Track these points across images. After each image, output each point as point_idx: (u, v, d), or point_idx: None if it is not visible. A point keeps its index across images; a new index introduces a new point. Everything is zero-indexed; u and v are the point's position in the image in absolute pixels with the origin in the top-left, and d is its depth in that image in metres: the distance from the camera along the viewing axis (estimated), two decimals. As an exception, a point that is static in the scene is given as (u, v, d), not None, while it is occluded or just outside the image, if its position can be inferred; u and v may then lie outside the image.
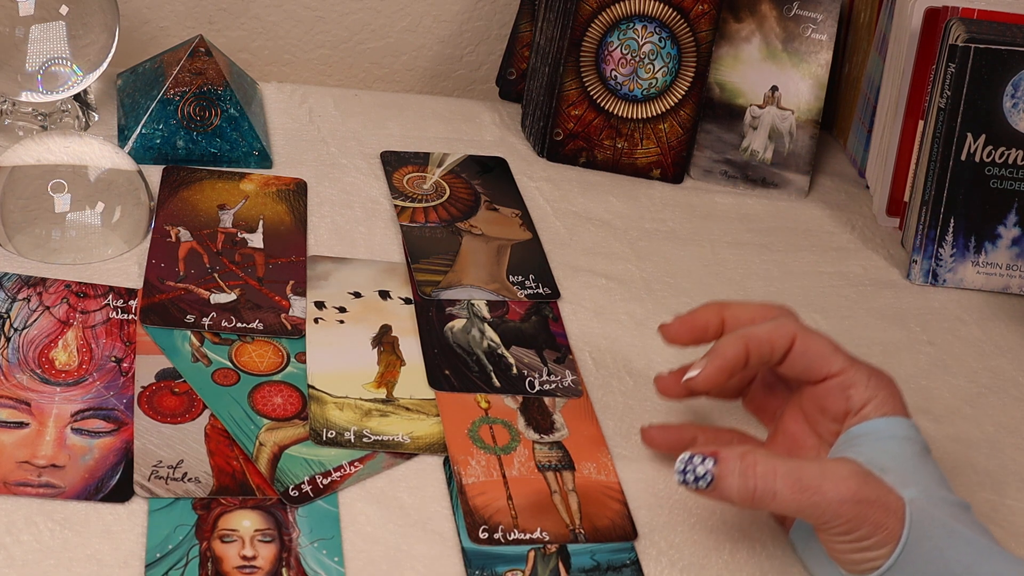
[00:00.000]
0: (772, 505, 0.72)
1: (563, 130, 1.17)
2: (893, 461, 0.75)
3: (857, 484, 0.71)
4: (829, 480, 0.71)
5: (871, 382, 0.78)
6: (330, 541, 0.75)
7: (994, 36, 1.06)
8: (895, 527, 0.71)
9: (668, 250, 1.09)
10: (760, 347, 0.78)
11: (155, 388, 0.84)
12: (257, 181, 1.06)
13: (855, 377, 0.78)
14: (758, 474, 0.71)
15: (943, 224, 1.09)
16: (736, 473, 0.72)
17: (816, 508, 0.71)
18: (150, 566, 0.71)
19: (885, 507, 0.71)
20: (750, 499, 0.72)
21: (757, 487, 0.71)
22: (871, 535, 0.71)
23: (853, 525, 0.71)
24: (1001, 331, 1.06)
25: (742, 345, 0.78)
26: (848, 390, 0.78)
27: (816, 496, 0.71)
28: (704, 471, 0.72)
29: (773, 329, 0.79)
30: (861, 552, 0.71)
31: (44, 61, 1.04)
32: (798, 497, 0.71)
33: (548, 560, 0.76)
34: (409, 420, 0.85)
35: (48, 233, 0.94)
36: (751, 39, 1.19)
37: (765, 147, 1.20)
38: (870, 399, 0.78)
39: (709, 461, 0.73)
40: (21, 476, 0.75)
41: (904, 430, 0.77)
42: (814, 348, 0.79)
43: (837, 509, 0.70)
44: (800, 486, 0.71)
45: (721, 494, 0.73)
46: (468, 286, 0.98)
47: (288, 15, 1.27)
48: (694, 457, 0.73)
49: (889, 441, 0.76)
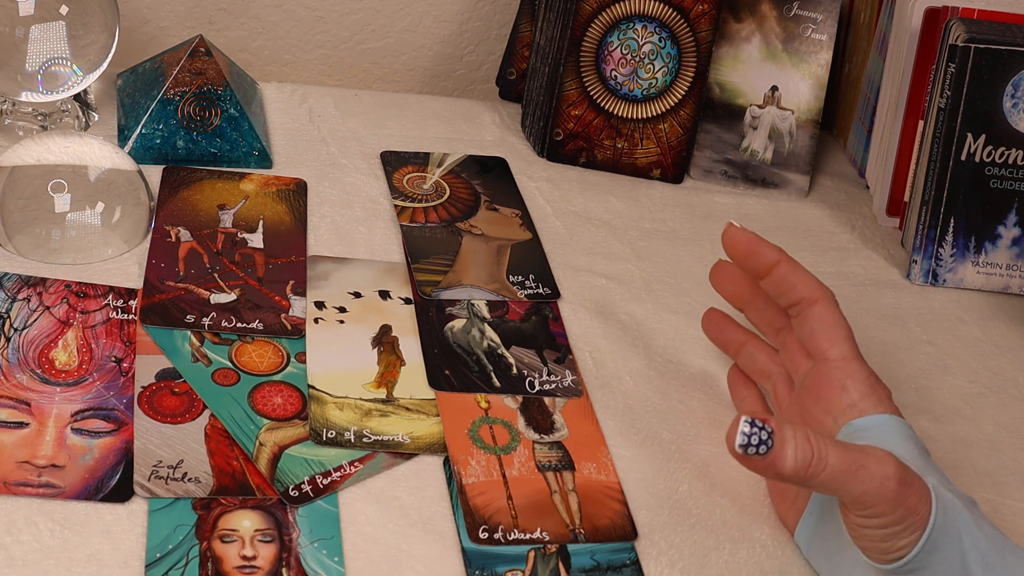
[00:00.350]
0: (821, 477, 0.69)
1: (563, 130, 1.17)
2: (904, 449, 0.75)
3: (897, 466, 0.70)
4: (873, 459, 0.69)
5: (869, 379, 0.80)
6: (330, 541, 0.75)
7: (994, 36, 1.06)
8: (924, 512, 0.70)
9: (668, 250, 1.09)
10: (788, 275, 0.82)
11: (155, 388, 0.84)
12: (257, 181, 1.06)
13: (854, 370, 0.80)
14: (813, 443, 0.69)
15: (943, 224, 1.09)
16: (792, 441, 0.69)
17: (862, 484, 0.69)
18: (150, 566, 0.71)
19: (920, 491, 0.70)
20: (804, 467, 0.69)
21: (805, 456, 0.69)
22: (905, 519, 0.70)
23: (892, 507, 0.69)
24: (1001, 331, 1.06)
25: (777, 255, 0.83)
26: (845, 380, 0.79)
27: (862, 471, 0.69)
28: (767, 436, 0.69)
29: (808, 277, 0.83)
30: (892, 540, 0.70)
31: (44, 61, 1.04)
32: (847, 471, 0.69)
33: (548, 560, 0.76)
34: (409, 420, 0.85)
35: (48, 233, 0.94)
36: (751, 39, 1.19)
37: (765, 147, 1.20)
38: (867, 394, 0.79)
39: (768, 427, 0.69)
40: (21, 476, 0.75)
41: (904, 429, 0.78)
42: (830, 318, 0.82)
43: (881, 486, 0.69)
44: (848, 459, 0.69)
45: (775, 467, 0.69)
46: (468, 286, 0.98)
47: (288, 15, 1.27)
48: (756, 421, 0.69)
49: (894, 436, 0.76)
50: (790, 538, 0.81)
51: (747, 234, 0.84)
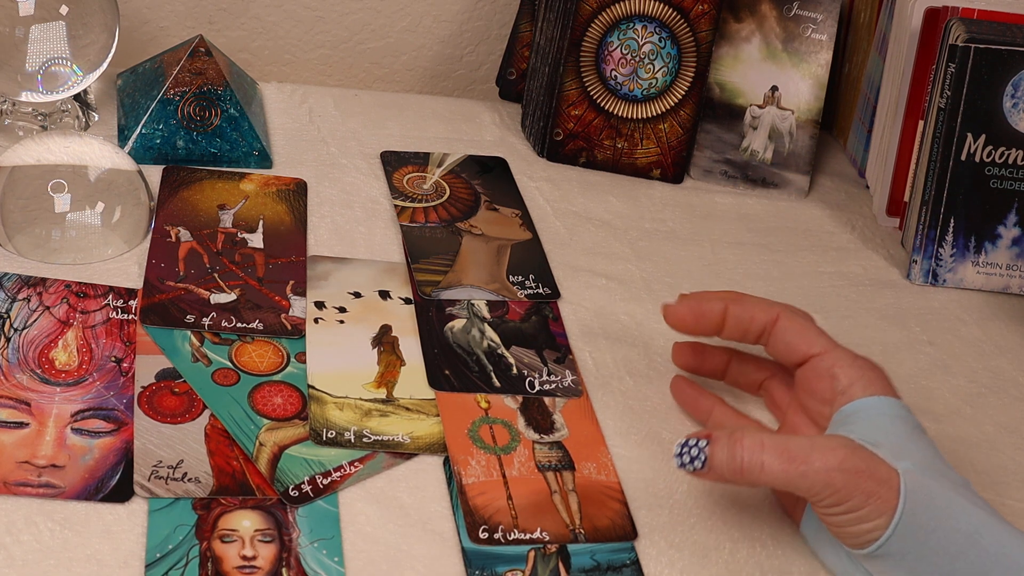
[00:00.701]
0: (762, 477, 0.73)
1: (563, 130, 1.17)
2: (885, 436, 0.75)
3: (845, 453, 0.71)
4: (817, 451, 0.72)
5: (856, 363, 0.80)
6: (330, 541, 0.75)
7: (994, 36, 1.06)
8: (889, 497, 0.71)
9: (668, 250, 1.09)
10: (740, 313, 0.83)
11: (155, 388, 0.84)
12: (257, 181, 1.06)
13: (839, 357, 0.80)
14: (745, 447, 0.73)
15: (943, 224, 1.09)
16: (724, 449, 0.73)
17: (805, 478, 0.71)
18: (150, 566, 0.71)
19: (876, 477, 0.71)
20: (739, 472, 0.73)
21: (744, 459, 0.73)
22: (863, 505, 0.71)
23: (843, 495, 0.71)
24: (1001, 331, 1.06)
25: (721, 303, 0.83)
26: (833, 368, 0.79)
27: (804, 466, 0.71)
28: (698, 452, 0.74)
29: (758, 303, 0.83)
30: (857, 524, 0.72)
31: (44, 61, 1.04)
32: (786, 467, 0.72)
33: (548, 560, 0.76)
34: (409, 420, 0.85)
35: (48, 233, 0.94)
36: (751, 39, 1.19)
37: (765, 147, 1.20)
38: (856, 379, 0.79)
39: (703, 441, 0.74)
40: (21, 476, 0.75)
41: (895, 409, 0.78)
42: (796, 326, 0.81)
43: (826, 478, 0.71)
44: (788, 456, 0.72)
45: (714, 473, 0.74)
46: (468, 286, 0.98)
47: (288, 15, 1.27)
48: (689, 440, 0.75)
49: (880, 418, 0.77)
50: (790, 537, 0.81)
51: (685, 303, 0.85)
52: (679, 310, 0.84)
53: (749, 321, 0.83)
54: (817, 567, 0.79)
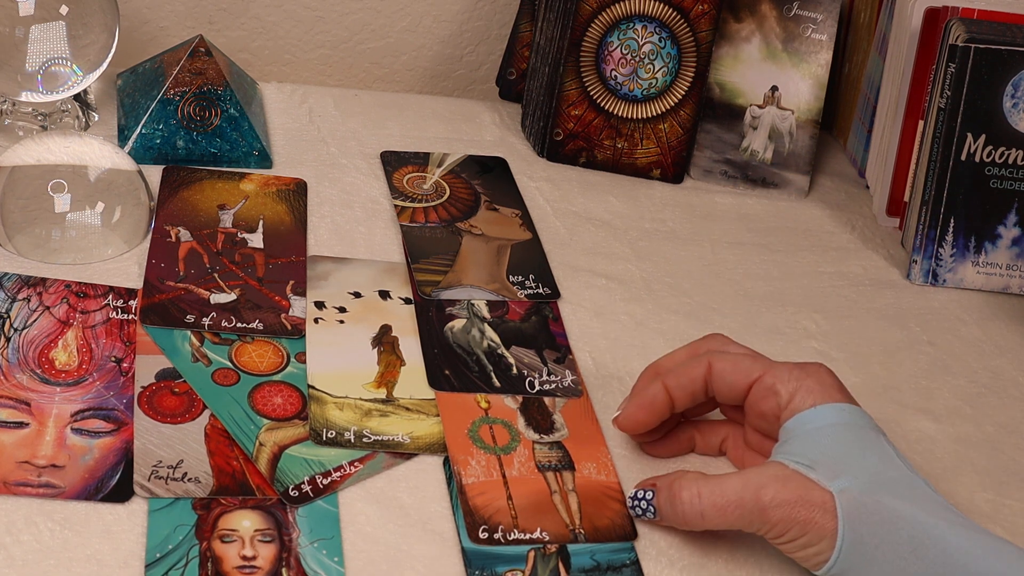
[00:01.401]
0: (704, 525, 0.76)
1: (563, 130, 1.17)
2: (821, 453, 0.75)
3: (776, 489, 0.73)
4: (749, 491, 0.74)
5: (794, 374, 0.79)
6: (330, 541, 0.75)
7: (994, 36, 1.06)
8: (826, 521, 0.72)
9: (668, 250, 1.09)
10: (679, 379, 0.82)
11: (155, 388, 0.84)
12: (257, 181, 1.06)
13: (776, 374, 0.80)
14: (684, 500, 0.76)
15: (943, 224, 1.09)
16: (666, 502, 0.77)
17: (742, 519, 0.74)
18: (150, 566, 0.71)
19: (809, 504, 0.73)
20: (682, 524, 0.77)
21: (685, 513, 0.76)
22: (803, 533, 0.73)
23: (782, 528, 0.73)
24: (1001, 331, 1.06)
25: (660, 385, 0.82)
26: (773, 387, 0.79)
27: (739, 510, 0.74)
28: (647, 504, 0.79)
29: (688, 362, 0.83)
30: (804, 550, 0.74)
31: (44, 61, 1.04)
32: (724, 516, 0.75)
33: (548, 560, 0.76)
34: (409, 420, 0.85)
35: (48, 233, 0.94)
36: (751, 39, 1.19)
37: (765, 147, 1.20)
38: (796, 390, 0.78)
39: (649, 493, 0.79)
40: (21, 476, 0.75)
41: (834, 416, 0.77)
42: (730, 364, 0.81)
43: (762, 517, 0.74)
44: (723, 501, 0.74)
45: (665, 520, 0.78)
46: (468, 286, 0.98)
47: (288, 15, 1.27)
48: (638, 492, 0.79)
49: (816, 433, 0.77)
50: (790, 538, 0.81)
51: (631, 412, 0.83)
52: (629, 414, 0.83)
53: (691, 380, 0.82)
54: (817, 567, 0.79)
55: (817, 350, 0.99)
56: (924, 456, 0.90)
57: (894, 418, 0.93)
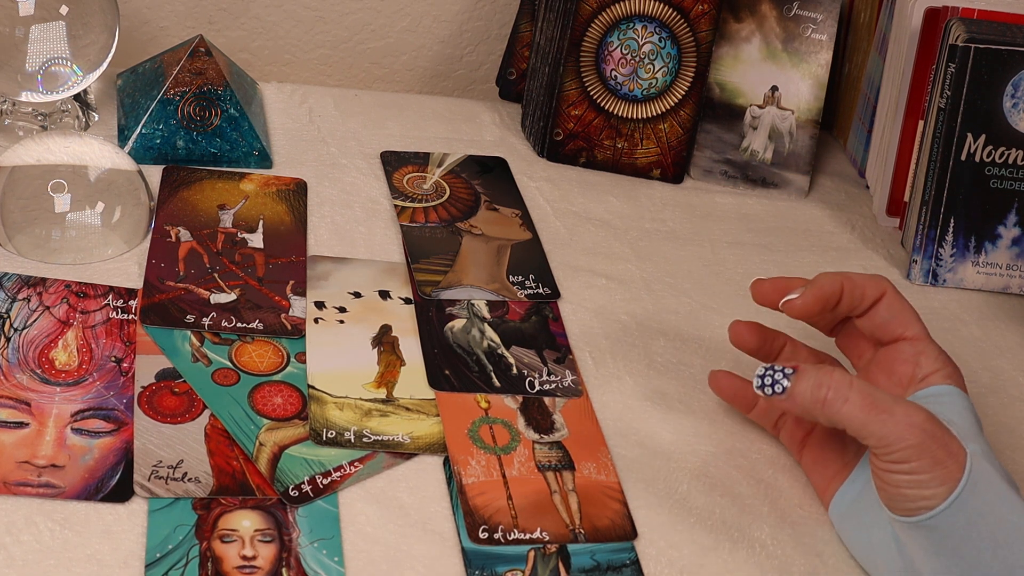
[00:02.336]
0: (841, 412, 0.73)
1: (563, 130, 1.17)
2: (957, 418, 0.77)
3: (926, 417, 0.72)
4: (900, 406, 0.73)
5: (942, 356, 0.82)
6: (330, 541, 0.75)
7: (994, 36, 1.06)
8: (955, 470, 0.71)
9: (668, 250, 1.09)
10: (853, 290, 0.83)
11: (155, 388, 0.84)
12: (257, 181, 1.06)
13: (928, 346, 0.82)
14: (834, 382, 0.74)
15: (943, 224, 1.09)
16: (811, 380, 0.75)
17: (884, 426, 0.72)
18: (150, 566, 0.71)
19: (948, 448, 0.72)
20: (821, 403, 0.74)
21: (830, 394, 0.74)
22: (930, 469, 0.71)
23: (914, 453, 0.71)
24: (1001, 331, 1.06)
25: (839, 283, 0.83)
26: (919, 356, 0.81)
27: (885, 415, 0.72)
28: (782, 376, 0.76)
29: (869, 279, 0.84)
30: (917, 488, 0.72)
31: (44, 61, 1.04)
32: (868, 410, 0.73)
33: (548, 560, 0.76)
34: (409, 420, 0.85)
35: (48, 233, 0.94)
36: (751, 39, 1.19)
37: (765, 147, 1.20)
38: (938, 369, 0.81)
39: (788, 370, 0.76)
40: (21, 476, 0.75)
41: (966, 402, 0.80)
42: (900, 306, 0.83)
43: (904, 431, 0.72)
44: (872, 400, 0.73)
45: (793, 401, 0.76)
46: (468, 286, 0.98)
47: (288, 15, 1.27)
48: (775, 367, 0.77)
49: (951, 402, 0.79)
50: (790, 537, 0.81)
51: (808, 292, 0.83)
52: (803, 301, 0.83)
53: (860, 298, 0.83)
54: (817, 567, 0.79)
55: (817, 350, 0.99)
56: (924, 456, 0.90)
57: (894, 418, 0.93)
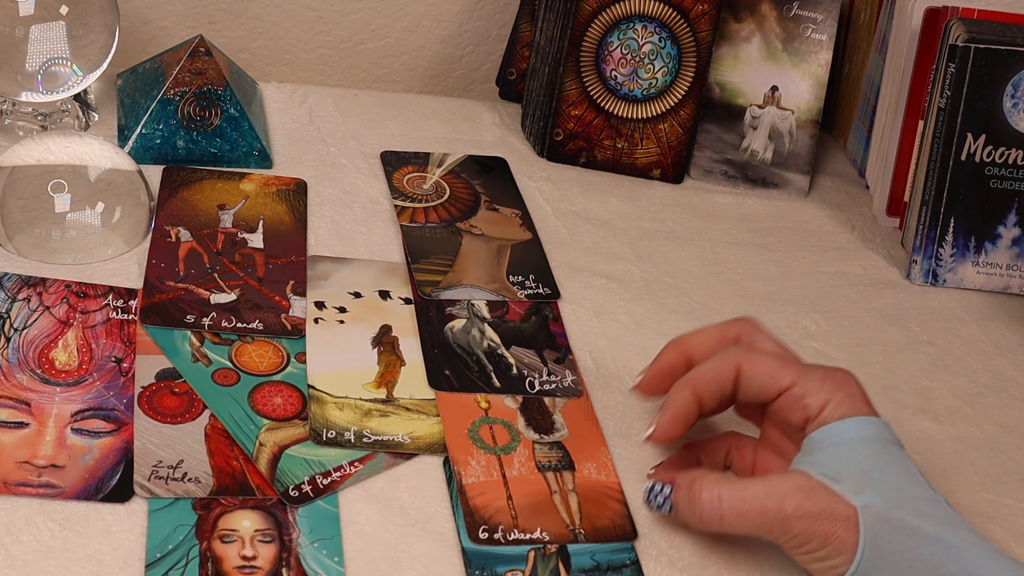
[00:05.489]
0: (722, 529, 0.75)
1: (563, 130, 1.17)
2: (847, 466, 0.75)
3: (799, 500, 0.73)
4: (772, 499, 0.73)
5: (825, 385, 0.77)
6: (330, 541, 0.75)
7: (994, 36, 1.06)
8: (847, 536, 0.72)
9: (668, 250, 1.09)
10: (709, 386, 0.80)
11: (155, 388, 0.84)
12: (257, 181, 1.06)
13: (807, 385, 0.78)
14: (703, 501, 0.75)
15: (943, 224, 1.09)
16: (685, 500, 0.77)
17: (762, 527, 0.74)
18: (150, 566, 0.71)
19: (832, 518, 0.72)
20: (699, 524, 0.76)
21: (703, 514, 0.75)
22: (823, 546, 0.72)
23: (802, 540, 0.73)
24: (1001, 331, 1.06)
25: (689, 392, 0.80)
26: (803, 399, 0.77)
27: (760, 518, 0.73)
28: (663, 499, 0.78)
29: (716, 365, 0.80)
30: (821, 562, 0.73)
31: (44, 61, 1.04)
32: (743, 522, 0.74)
33: (548, 560, 0.76)
34: (409, 420, 0.85)
35: (48, 233, 0.94)
36: (751, 39, 1.19)
37: (765, 147, 1.20)
38: (826, 402, 0.77)
39: (668, 488, 0.78)
40: (21, 476, 0.75)
41: (862, 430, 0.76)
42: (760, 369, 0.79)
43: (782, 526, 0.73)
44: (744, 508, 0.74)
45: (680, 519, 0.78)
46: (468, 286, 0.98)
47: (288, 15, 1.27)
48: (655, 485, 0.79)
49: (844, 446, 0.76)
50: (790, 538, 0.81)
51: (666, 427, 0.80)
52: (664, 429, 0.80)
53: (719, 389, 0.80)
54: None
55: (817, 350, 0.99)
56: (924, 456, 0.90)
57: (894, 418, 0.92)
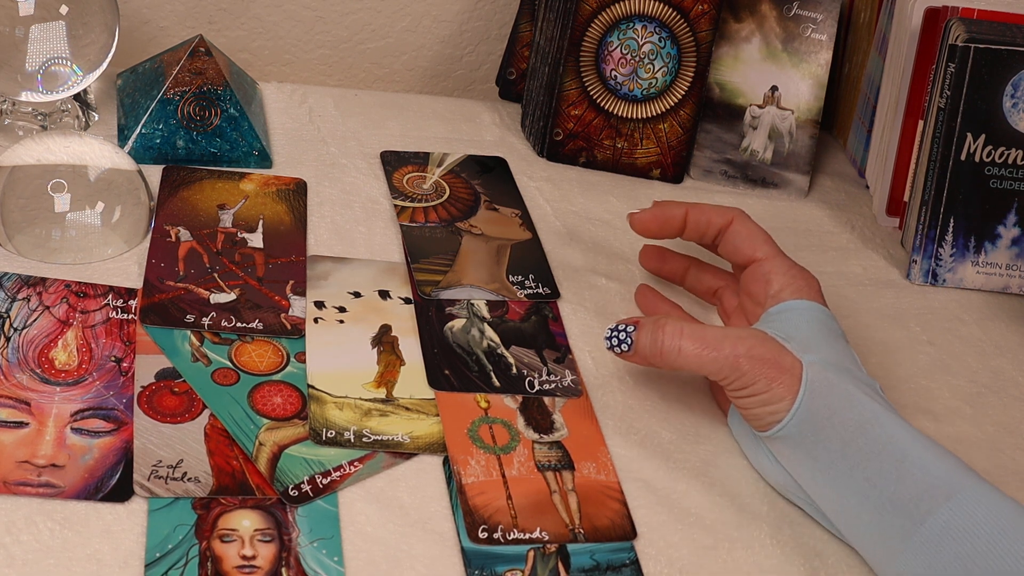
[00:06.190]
0: (678, 360, 0.82)
1: (563, 130, 1.17)
2: (797, 331, 0.83)
3: (753, 343, 0.80)
4: (729, 339, 0.81)
5: (791, 271, 0.88)
6: (330, 541, 0.75)
7: (994, 36, 1.06)
8: (791, 384, 0.79)
9: (668, 250, 1.09)
10: (698, 216, 0.93)
11: (155, 388, 0.84)
12: (257, 181, 1.06)
13: (776, 265, 0.88)
14: (666, 332, 0.82)
15: (943, 224, 1.09)
16: (648, 334, 0.83)
17: (715, 362, 0.81)
18: (150, 566, 0.71)
19: (779, 365, 0.80)
20: (659, 354, 0.83)
21: (664, 343, 0.82)
22: (766, 389, 0.79)
23: (748, 379, 0.80)
24: (1001, 331, 1.06)
25: (683, 208, 0.93)
26: (769, 274, 0.88)
27: (715, 352, 0.80)
28: (625, 336, 0.84)
29: (717, 208, 0.93)
30: (762, 407, 0.80)
31: (44, 61, 1.04)
32: (699, 352, 0.81)
33: (548, 560, 0.76)
34: (409, 420, 0.85)
35: (48, 233, 0.94)
36: (751, 39, 1.19)
37: (765, 147, 1.20)
38: (787, 285, 0.87)
39: (631, 327, 0.84)
40: (21, 476, 0.75)
41: (815, 313, 0.85)
42: (746, 230, 0.91)
43: (733, 363, 0.80)
44: (702, 342, 0.81)
45: (638, 356, 0.84)
46: (468, 286, 0.98)
47: (288, 15, 1.27)
48: (619, 326, 0.85)
49: (798, 318, 0.85)
50: (789, 537, 0.81)
51: (648, 211, 0.95)
52: (643, 216, 0.94)
53: (707, 224, 0.92)
54: (817, 567, 0.79)
55: (817, 350, 0.99)
56: (924, 456, 0.90)
57: (894, 418, 0.93)
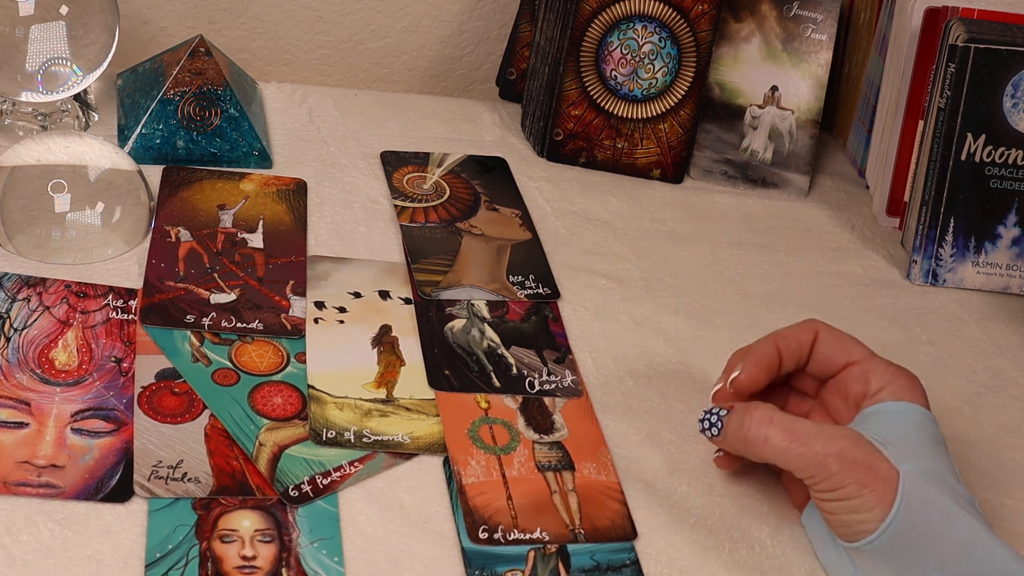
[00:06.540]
0: (764, 450, 0.76)
1: (563, 130, 1.17)
2: (896, 437, 0.77)
3: (846, 443, 0.74)
4: (820, 436, 0.74)
5: (890, 370, 0.81)
6: (330, 541, 0.75)
7: (994, 36, 1.06)
8: (886, 493, 0.72)
9: (668, 250, 1.09)
10: (788, 343, 0.84)
11: (155, 388, 0.84)
12: (257, 181, 1.06)
13: (875, 364, 0.82)
14: (754, 418, 0.77)
15: (943, 224, 1.09)
16: (736, 418, 0.78)
17: (802, 458, 0.74)
18: (150, 566, 0.71)
19: (874, 471, 0.73)
20: (744, 441, 0.77)
21: (751, 430, 0.77)
22: (857, 495, 0.73)
23: (837, 481, 0.73)
24: (1001, 331, 1.06)
25: (772, 344, 0.84)
26: (868, 374, 0.81)
27: (804, 447, 0.74)
28: (717, 419, 0.79)
29: (796, 327, 0.85)
30: (851, 514, 0.73)
31: (44, 61, 1.04)
32: (787, 445, 0.75)
33: (548, 560, 0.76)
34: (409, 420, 0.85)
35: (48, 233, 0.94)
36: (751, 39, 1.19)
37: (765, 147, 1.20)
38: (887, 384, 0.80)
39: (724, 410, 0.79)
40: (21, 476, 0.75)
41: (917, 416, 0.79)
42: (835, 338, 0.84)
43: (822, 461, 0.73)
44: (792, 436, 0.75)
45: (726, 441, 0.79)
46: (468, 286, 0.98)
47: (288, 15, 1.27)
48: (713, 408, 0.80)
49: (897, 420, 0.78)
50: (789, 537, 0.81)
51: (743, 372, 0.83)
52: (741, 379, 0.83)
53: (798, 347, 0.84)
54: (817, 568, 0.79)
55: (817, 350, 0.99)
56: (924, 456, 0.90)
57: (894, 418, 0.93)
